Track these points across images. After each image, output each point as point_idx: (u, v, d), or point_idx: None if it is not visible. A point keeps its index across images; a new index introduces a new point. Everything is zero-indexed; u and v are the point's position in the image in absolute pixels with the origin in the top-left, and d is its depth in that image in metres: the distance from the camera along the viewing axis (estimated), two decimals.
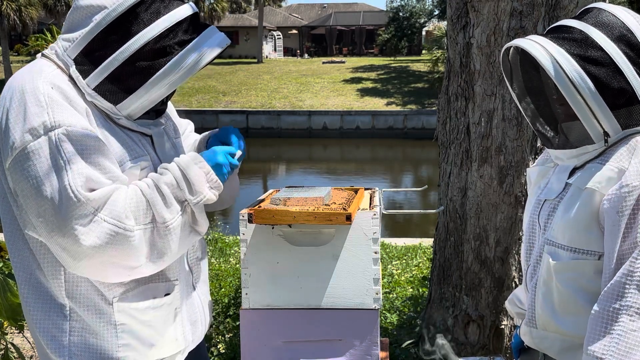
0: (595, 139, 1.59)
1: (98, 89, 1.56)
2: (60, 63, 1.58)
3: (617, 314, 1.47)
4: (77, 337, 1.63)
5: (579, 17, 1.65)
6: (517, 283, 3.04)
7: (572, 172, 1.67)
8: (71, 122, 1.48)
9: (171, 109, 1.95)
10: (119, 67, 1.55)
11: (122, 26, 1.55)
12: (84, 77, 1.55)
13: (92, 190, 1.48)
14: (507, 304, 2.00)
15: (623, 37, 1.56)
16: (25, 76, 1.54)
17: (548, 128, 1.75)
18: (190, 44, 1.58)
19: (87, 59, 1.56)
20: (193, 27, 1.63)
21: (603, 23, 1.58)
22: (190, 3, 1.65)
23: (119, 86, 1.57)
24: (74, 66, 1.56)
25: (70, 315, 1.62)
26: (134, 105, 1.60)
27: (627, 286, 1.46)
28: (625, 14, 1.59)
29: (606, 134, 1.57)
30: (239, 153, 1.77)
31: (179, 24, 1.59)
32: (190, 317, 1.82)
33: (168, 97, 1.75)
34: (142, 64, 1.56)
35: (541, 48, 1.58)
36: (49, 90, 1.50)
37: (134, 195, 1.56)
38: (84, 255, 1.48)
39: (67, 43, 1.57)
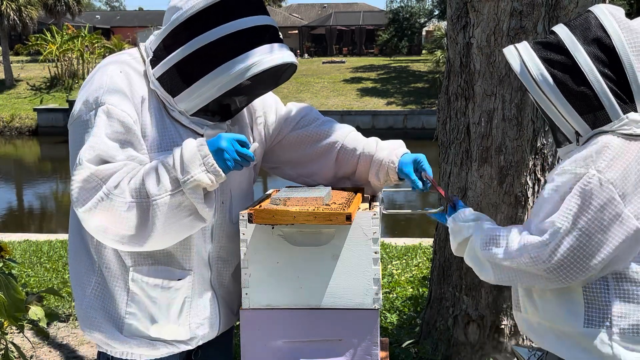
0: (570, 138, 1.67)
1: (160, 79, 1.74)
2: (144, 53, 1.80)
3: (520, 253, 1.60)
4: (98, 292, 1.80)
5: (569, 20, 1.72)
6: None
7: None
8: (114, 103, 1.68)
9: (272, 110, 2.04)
10: (179, 63, 1.70)
11: (190, 27, 1.69)
12: (153, 67, 1.75)
13: (107, 162, 1.64)
14: None
15: (597, 40, 1.60)
16: (108, 59, 1.82)
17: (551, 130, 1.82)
18: (244, 53, 1.67)
19: (161, 52, 1.74)
20: (258, 37, 1.70)
21: (580, 25, 1.64)
22: (264, 16, 1.74)
23: (176, 80, 1.72)
24: (150, 57, 1.77)
25: (97, 272, 1.79)
26: (187, 100, 1.73)
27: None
28: (608, 17, 1.63)
29: (578, 133, 1.64)
30: (255, 145, 1.76)
31: (240, 32, 1.68)
32: (200, 312, 1.84)
33: (237, 105, 1.83)
34: (198, 63, 1.69)
35: (515, 52, 1.68)
36: (116, 74, 1.73)
37: (137, 172, 1.65)
38: (82, 218, 1.65)
39: (153, 37, 1.80)
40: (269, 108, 2.04)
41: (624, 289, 1.58)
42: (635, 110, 1.59)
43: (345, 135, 2.04)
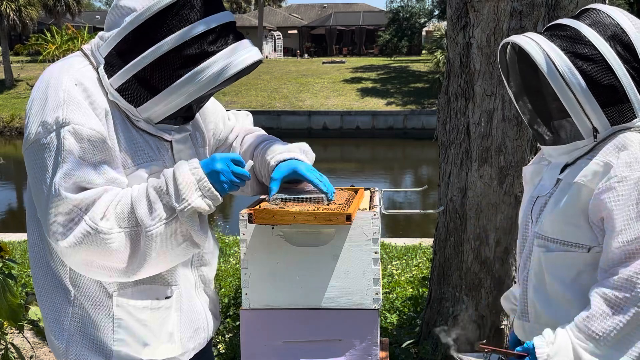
0: (585, 134, 1.63)
1: (120, 90, 1.57)
2: (93, 60, 1.61)
3: (625, 304, 1.48)
4: (78, 323, 1.66)
5: (575, 17, 1.69)
6: None
7: (564, 169, 1.71)
8: (80, 121, 1.50)
9: (214, 114, 1.91)
10: (141, 71, 1.55)
11: (149, 31, 1.53)
12: (109, 77, 1.57)
13: (84, 189, 1.51)
14: (502, 300, 2.01)
15: (616, 37, 1.59)
16: (55, 70, 1.59)
17: (542, 125, 1.79)
18: (213, 56, 1.54)
19: (115, 59, 1.57)
20: (223, 36, 1.57)
21: (597, 22, 1.62)
22: (225, 12, 1.60)
23: (139, 89, 1.56)
24: (103, 65, 1.58)
25: (74, 302, 1.66)
26: (153, 110, 1.60)
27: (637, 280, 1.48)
28: (619, 15, 1.63)
29: (595, 129, 1.61)
30: (250, 163, 1.67)
31: (205, 33, 1.54)
32: (191, 323, 1.81)
33: (199, 105, 1.73)
34: (163, 70, 1.55)
35: (535, 44, 1.62)
36: (71, 87, 1.53)
37: (122, 198, 1.55)
38: (63, 252, 1.52)
39: (100, 41, 1.61)
40: (219, 117, 1.96)
41: None
42: None
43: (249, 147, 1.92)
